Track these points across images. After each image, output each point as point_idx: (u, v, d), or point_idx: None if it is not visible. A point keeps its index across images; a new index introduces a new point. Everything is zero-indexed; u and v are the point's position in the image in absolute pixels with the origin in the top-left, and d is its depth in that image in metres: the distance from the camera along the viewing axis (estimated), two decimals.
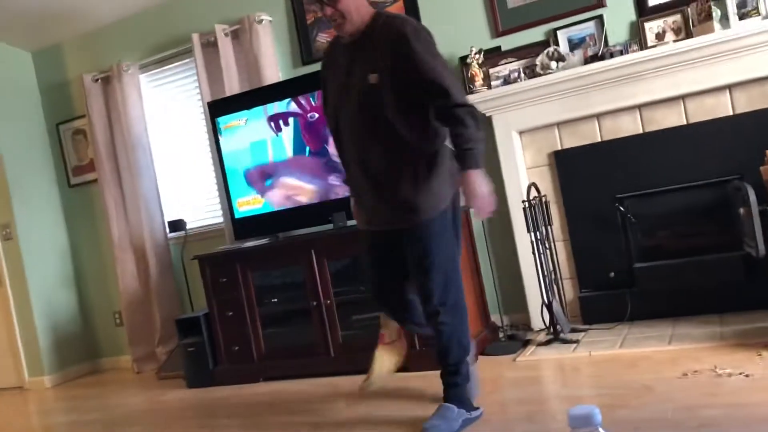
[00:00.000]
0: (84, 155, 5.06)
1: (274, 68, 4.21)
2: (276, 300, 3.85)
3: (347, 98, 2.40)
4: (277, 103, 3.90)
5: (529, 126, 3.65)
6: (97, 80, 4.78)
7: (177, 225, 4.54)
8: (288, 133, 3.90)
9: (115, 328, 5.07)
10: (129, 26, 4.77)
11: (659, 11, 3.42)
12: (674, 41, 3.30)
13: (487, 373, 3.11)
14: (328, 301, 3.62)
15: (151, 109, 4.79)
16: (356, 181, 2.51)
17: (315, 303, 3.64)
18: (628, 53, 3.35)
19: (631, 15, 3.51)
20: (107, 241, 4.90)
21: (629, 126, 3.48)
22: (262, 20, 4.20)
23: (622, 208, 3.49)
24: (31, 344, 4.90)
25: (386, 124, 2.32)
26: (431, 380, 3.19)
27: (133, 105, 4.68)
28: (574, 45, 3.60)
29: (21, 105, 5.04)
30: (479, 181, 2.26)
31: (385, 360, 2.74)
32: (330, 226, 3.75)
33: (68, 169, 5.14)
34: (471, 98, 3.62)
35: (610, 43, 3.50)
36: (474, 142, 2.26)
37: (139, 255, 4.70)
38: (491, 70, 3.72)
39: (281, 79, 4.19)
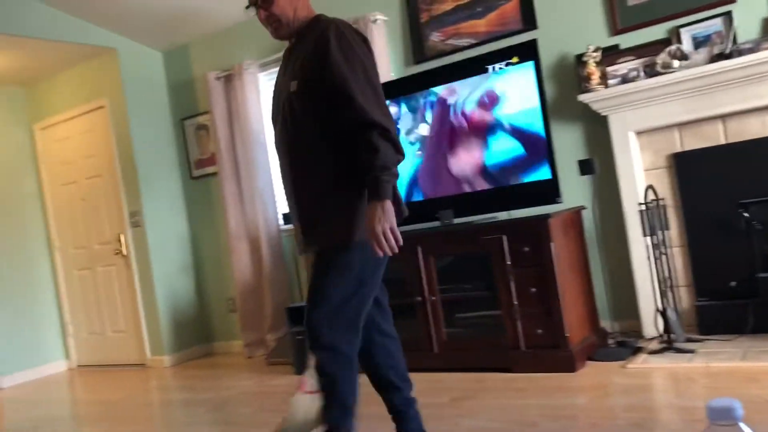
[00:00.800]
0: (205, 149, 5.36)
1: (387, 67, 4.29)
2: None
3: (276, 108, 2.19)
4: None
5: (647, 126, 3.53)
6: (219, 78, 5.04)
7: (288, 218, 4.72)
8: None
9: (228, 314, 5.34)
10: (251, 27, 4.99)
11: None
12: None
13: (594, 378, 3.04)
14: (434, 298, 3.66)
15: (268, 106, 5.00)
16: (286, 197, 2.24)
17: (420, 299, 3.69)
18: (758, 51, 3.17)
19: (764, 11, 3.32)
20: (224, 231, 5.17)
21: (756, 128, 3.30)
22: (376, 20, 4.29)
23: (746, 214, 3.31)
24: (153, 325, 5.26)
25: (301, 138, 2.08)
26: (537, 381, 3.16)
27: (252, 102, 4.90)
28: (698, 43, 3.44)
29: (151, 101, 5.40)
30: (377, 216, 1.93)
31: (301, 409, 2.22)
32: (437, 223, 3.79)
33: (191, 162, 5.46)
34: (585, 97, 3.55)
35: (739, 40, 3.32)
36: (380, 170, 1.92)
37: (254, 245, 4.93)
38: (608, 69, 3.62)
39: (393, 78, 4.26)
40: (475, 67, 3.69)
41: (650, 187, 3.37)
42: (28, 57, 5.17)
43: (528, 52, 3.52)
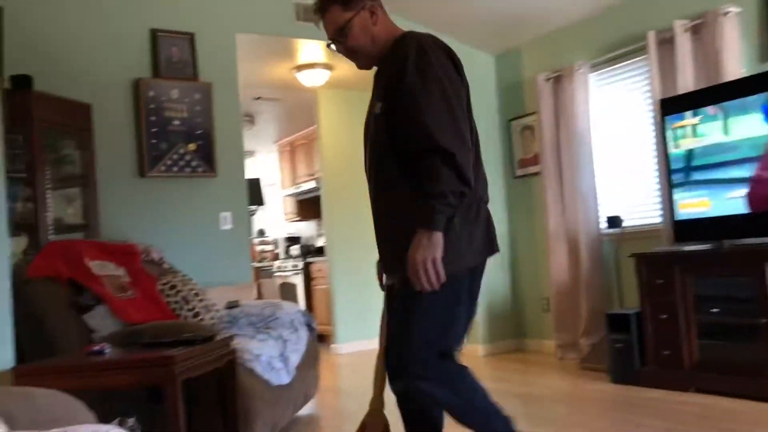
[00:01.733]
0: (529, 149, 5.47)
1: (737, 63, 3.91)
2: (717, 310, 3.60)
3: (366, 132, 2.08)
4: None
5: None
6: (548, 80, 5.10)
7: (613, 221, 4.59)
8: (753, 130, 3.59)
9: (542, 313, 5.39)
10: (584, 28, 4.96)
11: None
12: None
13: None
14: None
15: (596, 107, 4.92)
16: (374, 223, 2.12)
17: (766, 320, 3.30)
18: None
19: None
20: (542, 231, 5.23)
21: None
22: (728, 12, 3.93)
23: None
24: None
25: (384, 162, 1.96)
26: None
27: (580, 103, 4.87)
28: None
29: (482, 103, 5.69)
30: (422, 246, 1.77)
31: None
32: None
33: (514, 162, 5.63)
34: None
35: None
36: (436, 197, 1.77)
37: (572, 247, 4.90)
38: None
39: (744, 75, 3.87)
40: None
41: None
42: None
43: None
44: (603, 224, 4.74)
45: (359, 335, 6.31)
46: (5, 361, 2.44)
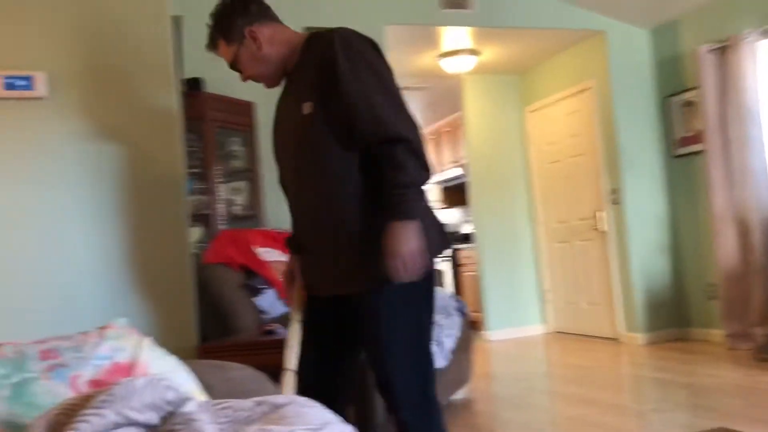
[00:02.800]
0: (691, 127, 5.13)
1: None
2: None
3: (281, 140, 1.93)
4: None
5: None
6: (712, 51, 4.75)
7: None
8: None
9: (707, 301, 5.06)
10: None
11: None
12: None
13: None
14: None
15: (766, 79, 4.53)
16: (298, 235, 1.93)
17: None
18: None
19: None
20: (707, 212, 4.90)
21: None
22: None
23: None
24: (628, 301, 5.33)
25: (323, 164, 1.80)
26: None
27: (749, 74, 4.49)
28: None
29: (636, 80, 5.42)
30: (403, 236, 1.66)
31: None
32: None
33: (673, 141, 5.31)
34: None
35: None
36: (407, 187, 1.67)
37: (742, 229, 4.55)
38: None
39: None
40: None
41: None
42: (523, 46, 5.71)
43: None
44: None
45: (510, 322, 6.27)
46: (191, 339, 2.69)
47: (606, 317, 5.62)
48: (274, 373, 1.83)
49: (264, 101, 4.19)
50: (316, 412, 1.10)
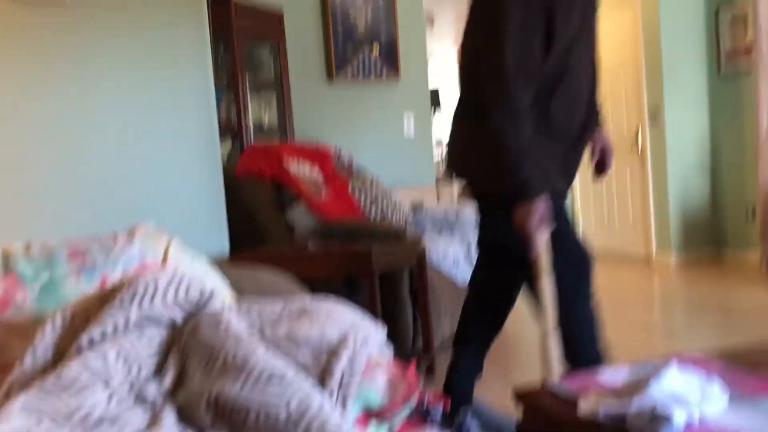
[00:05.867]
0: (740, 43, 4.86)
1: None
2: None
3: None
4: None
5: None
6: None
7: None
8: None
9: (745, 222, 4.94)
10: None
11: None
12: None
13: None
14: None
15: None
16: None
17: None
18: None
19: None
20: (752, 132, 4.71)
21: None
22: None
23: None
24: (662, 221, 5.23)
25: None
26: None
27: None
28: None
29: None
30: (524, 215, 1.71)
31: None
32: None
33: (721, 57, 5.05)
34: None
35: None
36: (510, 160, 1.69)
37: None
38: None
39: None
40: None
41: None
42: None
43: None
44: None
45: None
46: (222, 249, 2.69)
47: (639, 237, 5.54)
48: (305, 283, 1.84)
49: (292, 11, 4.07)
50: (346, 313, 1.07)
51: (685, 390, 1.16)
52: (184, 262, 1.45)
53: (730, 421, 1.14)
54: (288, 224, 3.21)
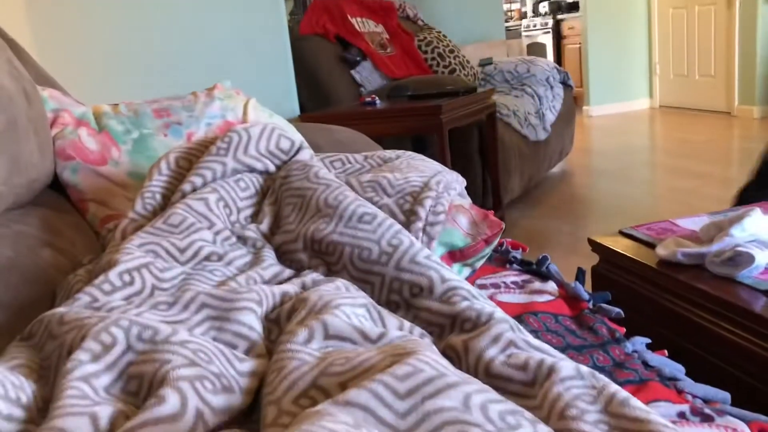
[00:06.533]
0: None
1: None
2: None
3: None
4: None
5: None
6: None
7: None
8: None
9: None
10: None
11: None
12: None
13: None
14: None
15: None
16: None
17: None
18: None
19: None
20: None
21: None
22: None
23: None
24: (746, 72, 4.93)
25: None
26: None
27: None
28: None
29: None
30: None
31: None
32: None
33: None
34: None
35: None
36: None
37: None
38: None
39: None
40: None
41: None
42: None
43: None
44: None
45: (614, 97, 6.00)
46: (292, 110, 2.73)
47: (720, 90, 5.26)
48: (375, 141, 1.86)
49: None
50: (427, 162, 1.09)
51: None
52: (263, 119, 1.48)
53: None
54: (355, 82, 3.19)
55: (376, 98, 2.76)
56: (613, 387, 0.58)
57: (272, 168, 1.01)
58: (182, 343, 0.54)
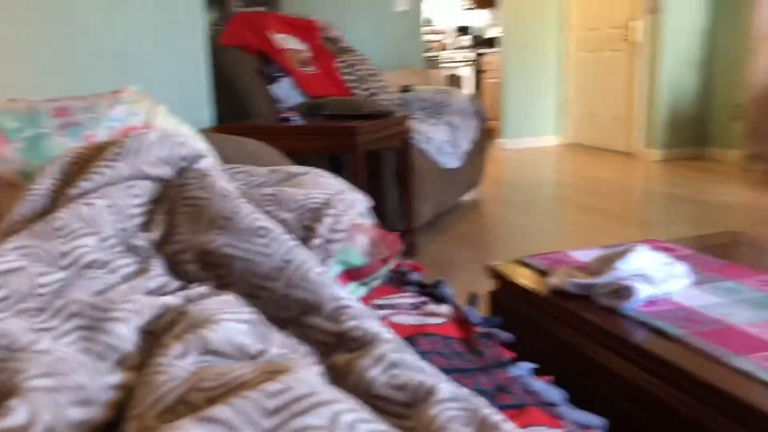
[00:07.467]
0: None
1: None
2: None
3: None
4: None
5: None
6: None
7: None
8: None
9: (731, 121, 4.96)
10: None
11: None
12: None
13: None
14: None
15: None
16: None
17: None
18: None
19: None
20: (747, 31, 4.62)
21: None
22: None
23: None
24: (650, 116, 5.23)
25: None
26: None
27: None
28: None
29: None
30: None
31: None
32: None
33: None
34: None
35: None
36: None
37: None
38: None
39: None
40: None
41: None
42: None
43: None
44: None
45: (527, 132, 6.22)
46: (206, 120, 2.67)
47: (625, 131, 5.56)
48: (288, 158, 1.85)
49: None
50: (332, 180, 1.09)
51: (651, 269, 1.22)
52: (170, 126, 1.44)
53: (691, 298, 1.20)
54: (273, 97, 3.17)
55: (294, 114, 2.75)
56: (487, 410, 0.59)
57: (169, 176, 0.98)
58: (42, 353, 0.51)
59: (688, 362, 0.98)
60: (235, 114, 3.06)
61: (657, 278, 1.21)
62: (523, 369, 0.87)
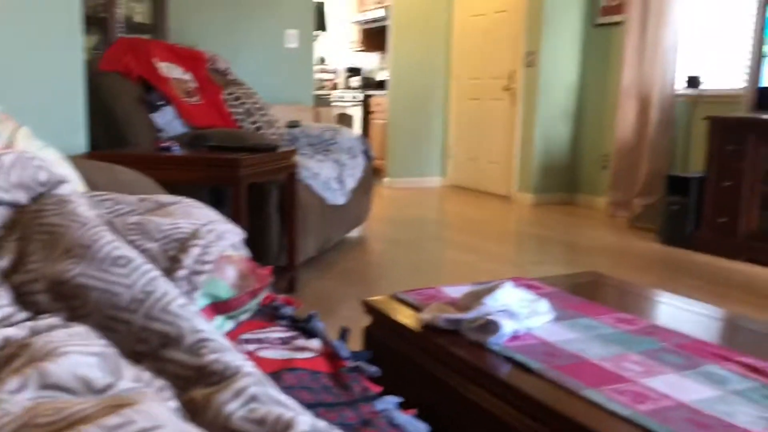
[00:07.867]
0: None
1: None
2: None
3: None
4: None
5: None
6: None
7: (692, 81, 4.36)
8: None
9: (599, 170, 5.32)
10: None
11: None
12: None
13: None
14: None
15: None
16: None
17: None
18: None
19: None
20: (615, 85, 5.02)
21: None
22: None
23: None
24: (525, 163, 5.53)
25: None
26: None
27: None
28: None
29: None
30: None
31: None
32: None
33: (596, 9, 5.29)
34: None
35: None
36: None
37: (643, 105, 4.71)
38: None
39: None
40: None
41: None
42: None
43: None
44: (680, 84, 4.52)
45: (411, 172, 6.39)
46: (79, 146, 2.55)
47: (503, 176, 5.83)
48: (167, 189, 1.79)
49: None
50: (203, 210, 1.07)
51: (516, 305, 1.27)
52: (32, 150, 1.36)
53: (552, 333, 1.27)
54: (153, 126, 3.08)
55: (174, 144, 2.67)
56: None
57: (23, 201, 0.92)
58: None
59: (544, 394, 1.03)
60: (113, 141, 2.94)
61: (521, 314, 1.26)
62: (388, 403, 0.88)
